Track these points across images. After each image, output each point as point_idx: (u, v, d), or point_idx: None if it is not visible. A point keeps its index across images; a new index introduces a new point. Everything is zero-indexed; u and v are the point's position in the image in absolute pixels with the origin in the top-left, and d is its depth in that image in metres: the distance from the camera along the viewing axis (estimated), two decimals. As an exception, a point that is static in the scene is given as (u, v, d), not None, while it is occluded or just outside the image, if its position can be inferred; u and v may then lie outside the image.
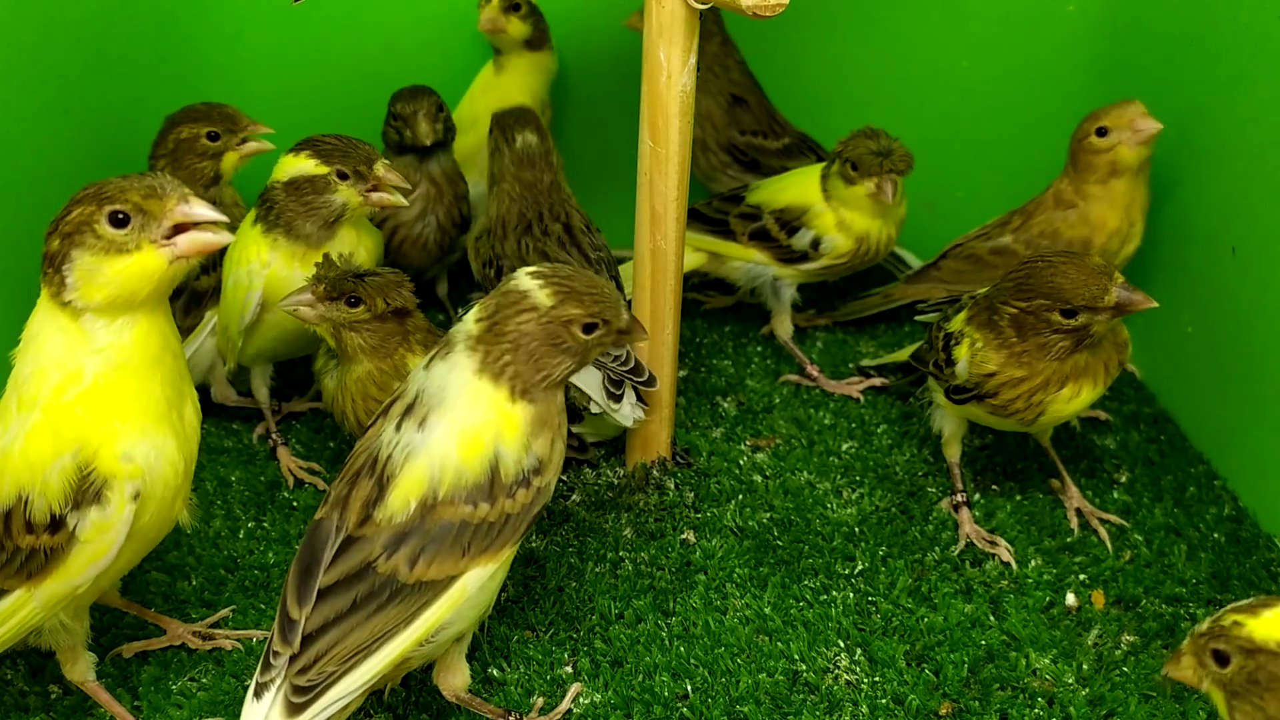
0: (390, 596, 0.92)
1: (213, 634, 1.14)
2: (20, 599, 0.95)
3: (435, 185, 1.52)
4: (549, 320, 0.96)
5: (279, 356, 1.40)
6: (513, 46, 1.62)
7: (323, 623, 0.92)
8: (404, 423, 0.96)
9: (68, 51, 1.40)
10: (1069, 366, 1.18)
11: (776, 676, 1.10)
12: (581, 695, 1.09)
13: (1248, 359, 1.33)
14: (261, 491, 1.34)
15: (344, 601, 0.92)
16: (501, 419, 0.95)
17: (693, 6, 1.10)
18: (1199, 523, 1.31)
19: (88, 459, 0.92)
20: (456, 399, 0.96)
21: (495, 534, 0.94)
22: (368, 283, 1.19)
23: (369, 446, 0.98)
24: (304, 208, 1.28)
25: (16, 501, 0.93)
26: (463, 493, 0.94)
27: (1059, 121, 1.66)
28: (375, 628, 0.91)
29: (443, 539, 0.93)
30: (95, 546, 0.94)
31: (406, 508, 0.93)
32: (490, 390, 0.96)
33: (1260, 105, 1.29)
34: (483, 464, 0.94)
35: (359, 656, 0.91)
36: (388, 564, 0.92)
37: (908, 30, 1.65)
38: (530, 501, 0.96)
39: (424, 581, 0.92)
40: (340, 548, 0.94)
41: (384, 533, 0.93)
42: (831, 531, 1.27)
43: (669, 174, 1.18)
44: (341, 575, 0.93)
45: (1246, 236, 1.33)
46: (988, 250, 1.49)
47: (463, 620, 0.97)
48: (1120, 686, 1.10)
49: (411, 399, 0.97)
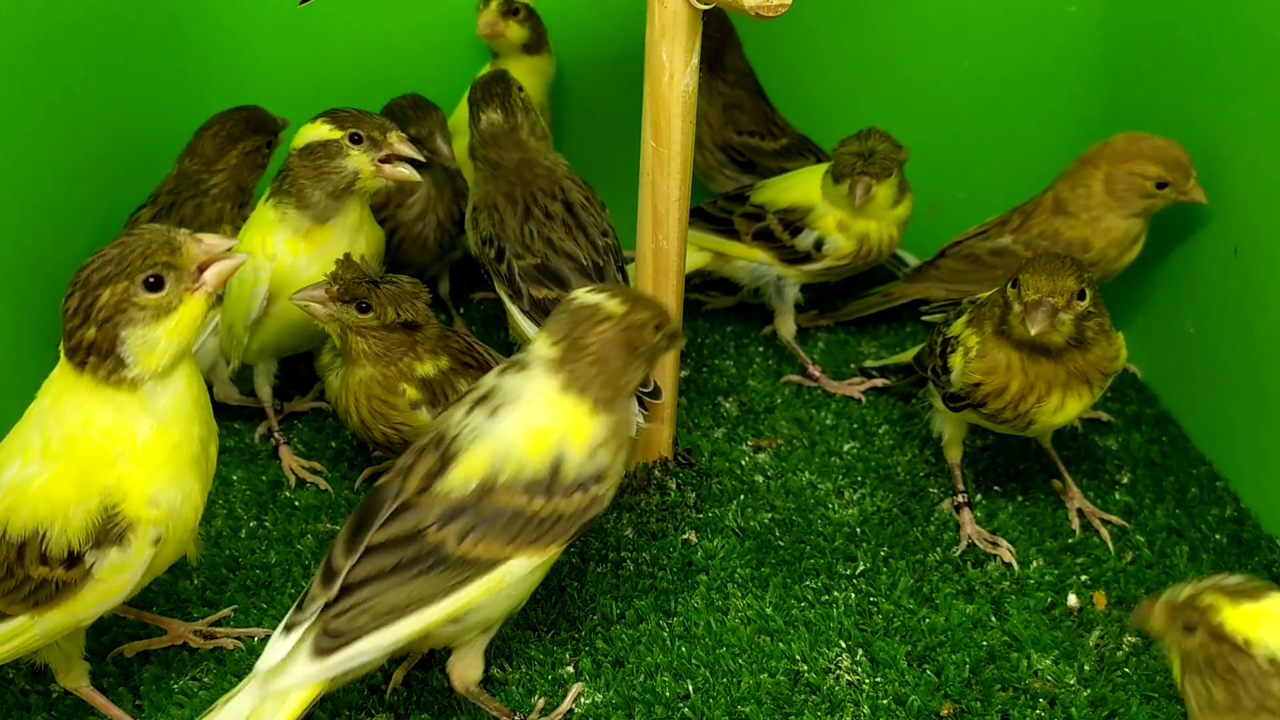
0: (433, 565, 0.95)
1: (214, 633, 1.14)
2: (23, 625, 0.94)
3: (435, 185, 1.52)
4: (626, 326, 1.00)
5: (284, 351, 1.40)
6: (511, 50, 1.62)
7: (364, 577, 0.94)
8: (475, 410, 1.00)
9: (70, 51, 1.40)
10: (1051, 376, 1.18)
11: (778, 677, 1.10)
12: (583, 695, 1.09)
13: (1250, 360, 1.33)
14: (263, 491, 1.34)
15: (389, 561, 0.95)
16: (573, 425, 0.98)
17: (695, 7, 1.10)
18: (1201, 524, 1.31)
19: (115, 502, 0.92)
20: (532, 400, 0.99)
21: (545, 529, 0.97)
22: (382, 290, 1.19)
23: (438, 426, 1.01)
24: (315, 173, 1.26)
25: (33, 535, 0.92)
26: (522, 483, 0.97)
27: (1061, 122, 1.67)
28: (412, 592, 0.94)
29: (494, 521, 0.96)
30: (109, 585, 0.94)
31: (466, 485, 0.96)
32: (572, 403, 0.99)
33: (1263, 106, 1.29)
34: (545, 460, 0.97)
35: (392, 616, 0.94)
36: (438, 534, 0.95)
37: (909, 31, 1.65)
38: (585, 506, 0.99)
39: (468, 558, 0.95)
40: (395, 511, 0.97)
41: (440, 504, 0.96)
42: (833, 532, 1.27)
43: (671, 174, 1.18)
44: (391, 536, 0.96)
45: (1249, 238, 1.33)
46: (987, 251, 1.49)
47: (494, 607, 0.99)
48: (1122, 688, 1.10)
49: (485, 392, 1.01)
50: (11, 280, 1.34)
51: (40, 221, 1.38)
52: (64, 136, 1.40)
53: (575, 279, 1.28)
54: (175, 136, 1.55)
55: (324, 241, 1.29)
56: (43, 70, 1.36)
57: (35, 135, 1.35)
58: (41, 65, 1.36)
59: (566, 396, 0.99)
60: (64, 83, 1.40)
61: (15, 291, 1.35)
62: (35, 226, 1.37)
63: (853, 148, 1.43)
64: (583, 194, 1.37)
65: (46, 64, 1.37)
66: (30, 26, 1.33)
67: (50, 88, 1.37)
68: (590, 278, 1.29)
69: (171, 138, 1.56)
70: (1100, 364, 1.19)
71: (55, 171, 1.39)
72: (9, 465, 0.95)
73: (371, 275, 1.19)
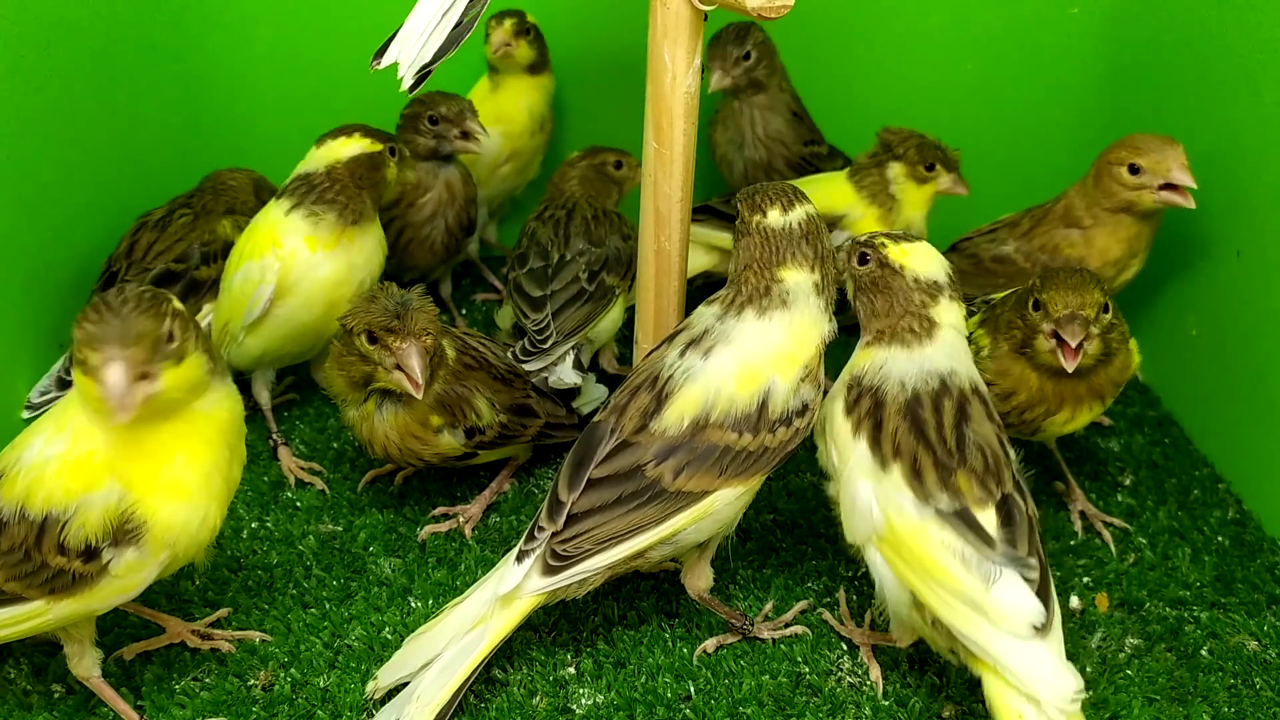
0: (651, 498, 1.04)
1: (211, 633, 1.14)
2: (38, 608, 0.96)
3: (449, 190, 1.53)
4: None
5: (284, 360, 1.40)
6: (516, 69, 1.62)
7: (589, 507, 1.04)
8: (688, 351, 1.08)
9: (72, 51, 1.41)
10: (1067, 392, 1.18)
11: (779, 678, 1.10)
12: (584, 696, 1.09)
13: (1252, 363, 1.33)
14: (265, 492, 1.34)
15: (611, 494, 1.05)
16: (782, 359, 1.06)
17: (697, 8, 1.10)
18: (1203, 526, 1.31)
19: (132, 505, 0.93)
20: (744, 336, 1.07)
21: (751, 462, 1.05)
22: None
23: (650, 366, 1.09)
24: (369, 182, 1.35)
25: (46, 518, 0.93)
26: (731, 419, 1.04)
27: (1063, 124, 1.67)
28: (632, 521, 1.04)
29: (705, 457, 1.04)
30: (125, 582, 0.96)
31: (680, 423, 1.05)
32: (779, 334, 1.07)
33: (1265, 108, 1.29)
34: (754, 397, 1.05)
35: (612, 541, 1.04)
36: (655, 470, 1.04)
37: (912, 33, 1.66)
38: (788, 439, 1.06)
39: (683, 491, 1.04)
40: (615, 449, 1.06)
41: (656, 442, 1.05)
42: (834, 534, 1.27)
43: (673, 175, 1.18)
44: (612, 472, 1.05)
45: (1251, 240, 1.33)
46: (990, 256, 1.49)
47: (703, 531, 1.07)
48: (1124, 689, 1.10)
49: (699, 334, 1.08)
50: (12, 280, 1.34)
51: (41, 221, 1.38)
52: (65, 136, 1.40)
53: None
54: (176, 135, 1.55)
55: (349, 241, 1.34)
56: (45, 70, 1.36)
57: (36, 135, 1.36)
58: (43, 65, 1.36)
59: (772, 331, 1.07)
60: (67, 82, 1.40)
61: (15, 291, 1.35)
62: (36, 226, 1.38)
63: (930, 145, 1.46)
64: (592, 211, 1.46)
65: (48, 64, 1.37)
66: (34, 26, 1.34)
67: (52, 87, 1.38)
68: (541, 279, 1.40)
69: (172, 138, 1.57)
70: (1115, 376, 1.19)
71: (56, 172, 1.39)
72: (32, 444, 0.96)
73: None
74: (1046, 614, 0.96)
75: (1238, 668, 1.13)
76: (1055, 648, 0.96)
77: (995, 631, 0.96)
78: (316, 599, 1.19)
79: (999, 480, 1.01)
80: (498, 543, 1.27)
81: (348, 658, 1.12)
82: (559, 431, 1.33)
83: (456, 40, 1.08)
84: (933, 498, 1.00)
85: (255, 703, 1.08)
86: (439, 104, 1.50)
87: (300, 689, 1.09)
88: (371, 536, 1.27)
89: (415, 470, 1.35)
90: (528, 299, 1.37)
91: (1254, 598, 1.21)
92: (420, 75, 1.08)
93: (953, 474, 1.00)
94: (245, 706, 1.07)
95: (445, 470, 1.36)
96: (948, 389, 1.04)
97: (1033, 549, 0.99)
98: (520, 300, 1.38)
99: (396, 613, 1.17)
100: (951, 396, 1.04)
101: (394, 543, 1.27)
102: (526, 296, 1.37)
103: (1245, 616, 1.18)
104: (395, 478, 1.35)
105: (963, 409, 1.04)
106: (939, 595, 0.98)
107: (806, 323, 1.08)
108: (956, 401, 1.04)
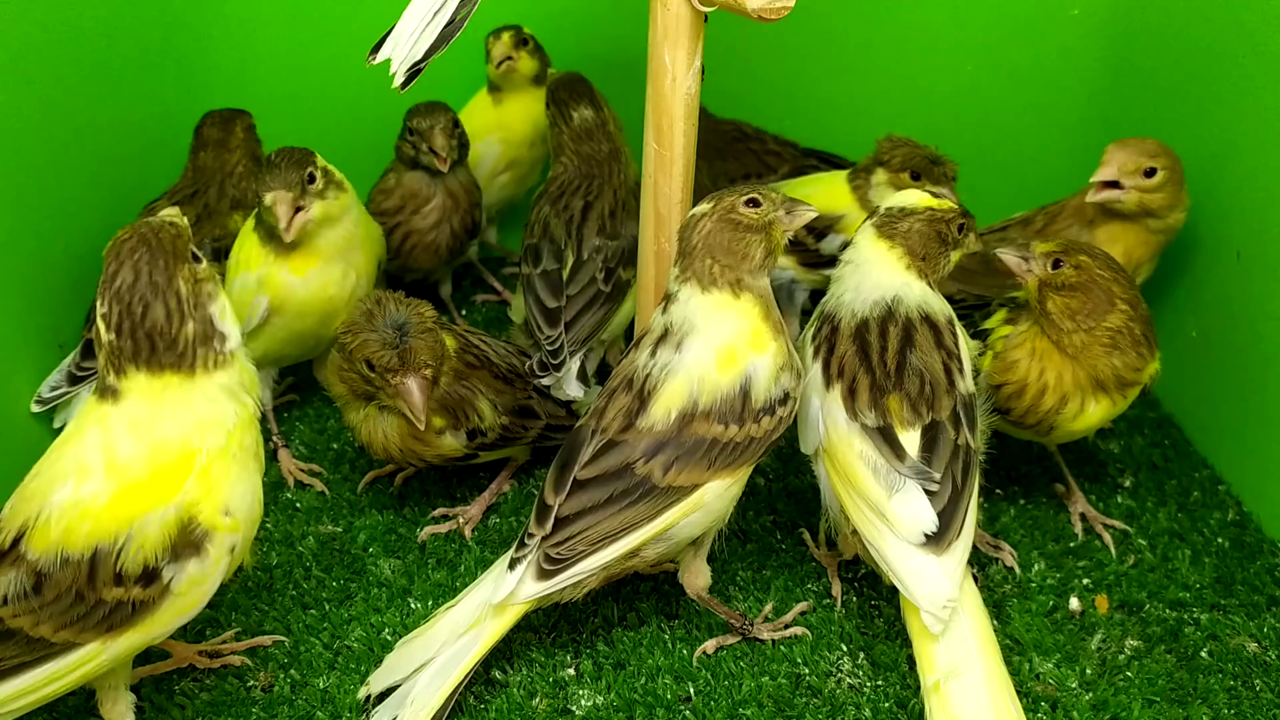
0: (642, 495, 1.04)
1: (219, 650, 1.13)
2: (92, 652, 0.91)
3: (452, 197, 1.53)
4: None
5: (285, 360, 1.41)
6: (521, 83, 1.62)
7: (579, 509, 1.04)
8: (659, 349, 1.08)
9: (74, 51, 1.41)
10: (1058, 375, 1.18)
11: (779, 680, 1.10)
12: (584, 697, 1.09)
13: (1252, 364, 1.33)
14: (265, 492, 1.34)
15: (601, 494, 1.04)
16: (755, 342, 1.07)
17: (697, 9, 1.10)
18: (1203, 528, 1.30)
19: (191, 512, 0.91)
20: (709, 321, 1.07)
21: (739, 453, 1.06)
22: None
23: (624, 371, 1.10)
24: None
25: (104, 554, 0.89)
26: (717, 408, 1.05)
27: (1063, 125, 1.66)
28: (624, 519, 1.04)
29: (694, 451, 1.05)
30: (187, 599, 0.93)
31: (667, 417, 1.05)
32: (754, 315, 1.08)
33: (1265, 110, 1.29)
34: (736, 381, 1.06)
35: (606, 541, 1.04)
36: (645, 467, 1.05)
37: (912, 34, 1.65)
38: (773, 428, 1.07)
39: (673, 486, 1.05)
40: (601, 449, 1.06)
41: (644, 439, 1.05)
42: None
43: (674, 176, 1.18)
44: (601, 472, 1.05)
45: (1251, 241, 1.33)
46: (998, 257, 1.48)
47: (696, 525, 1.07)
48: (1124, 691, 1.10)
49: (660, 333, 1.09)
50: (11, 280, 1.34)
51: (41, 221, 1.38)
52: (65, 136, 1.40)
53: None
54: (177, 134, 1.55)
55: (329, 254, 1.34)
56: (46, 70, 1.36)
57: (37, 134, 1.35)
58: (45, 65, 1.36)
59: (748, 311, 1.07)
60: (68, 82, 1.40)
61: (14, 291, 1.35)
62: (35, 226, 1.37)
63: (923, 154, 1.44)
64: (619, 199, 1.43)
65: (50, 64, 1.37)
66: (35, 26, 1.34)
67: (53, 87, 1.37)
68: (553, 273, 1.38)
69: (173, 136, 1.56)
70: (1122, 370, 1.19)
71: (57, 170, 1.39)
72: (59, 489, 0.91)
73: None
74: (945, 531, 1.03)
75: (1238, 669, 1.13)
76: (948, 565, 1.02)
77: (893, 537, 1.04)
78: (316, 600, 1.19)
79: (932, 407, 1.08)
80: (497, 544, 1.27)
81: (347, 659, 1.12)
82: (559, 434, 1.33)
83: (448, 38, 1.07)
84: (861, 414, 1.08)
85: (255, 704, 1.08)
86: (415, 116, 1.49)
87: (300, 690, 1.09)
88: (371, 538, 1.27)
89: (415, 471, 1.35)
90: (543, 309, 1.35)
91: (1254, 599, 1.21)
92: (411, 73, 1.08)
93: (885, 395, 1.08)
94: (245, 707, 1.07)
95: (445, 471, 1.36)
96: (893, 315, 1.12)
97: (948, 472, 1.05)
98: (534, 307, 1.35)
99: (396, 614, 1.17)
100: (897, 323, 1.11)
101: (394, 544, 1.27)
102: (541, 306, 1.35)
103: (1245, 618, 1.18)
104: (395, 479, 1.35)
105: (908, 335, 1.11)
106: (855, 502, 1.07)
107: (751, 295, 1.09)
108: (902, 328, 1.11)
